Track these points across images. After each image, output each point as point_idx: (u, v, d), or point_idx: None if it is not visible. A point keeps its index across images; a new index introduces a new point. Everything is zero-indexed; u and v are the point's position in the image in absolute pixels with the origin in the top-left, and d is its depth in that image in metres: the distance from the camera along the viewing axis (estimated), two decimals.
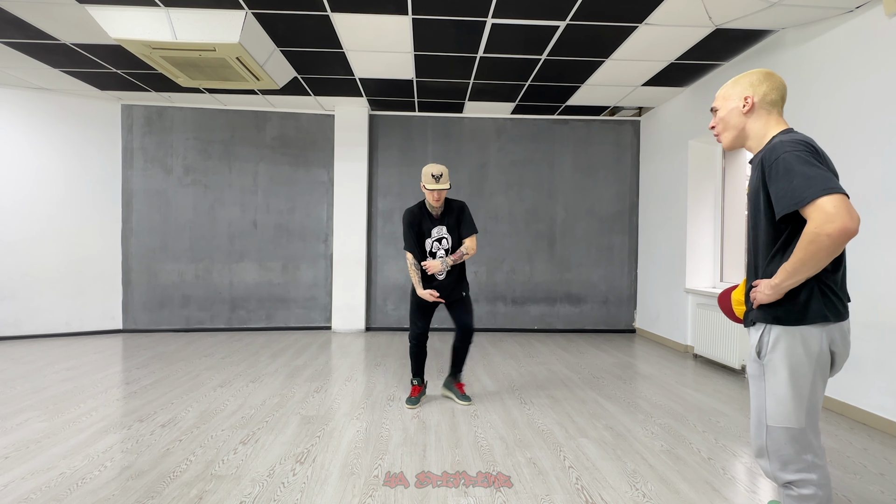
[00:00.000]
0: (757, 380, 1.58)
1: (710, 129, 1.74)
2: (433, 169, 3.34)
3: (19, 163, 5.77)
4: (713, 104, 1.73)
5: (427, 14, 3.92)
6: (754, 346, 1.58)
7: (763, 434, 1.56)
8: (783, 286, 1.48)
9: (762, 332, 1.56)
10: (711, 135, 5.23)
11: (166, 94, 6.03)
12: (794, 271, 1.44)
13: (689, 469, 2.61)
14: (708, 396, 3.91)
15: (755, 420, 1.59)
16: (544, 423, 3.26)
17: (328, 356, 5.18)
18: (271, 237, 6.66)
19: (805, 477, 1.51)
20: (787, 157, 1.44)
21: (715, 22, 3.92)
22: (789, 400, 1.51)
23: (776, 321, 1.52)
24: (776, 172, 1.47)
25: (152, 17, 3.90)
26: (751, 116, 1.62)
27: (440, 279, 3.53)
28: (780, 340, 1.52)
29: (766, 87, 1.61)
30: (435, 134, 6.80)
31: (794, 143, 1.46)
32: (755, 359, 1.59)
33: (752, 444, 1.62)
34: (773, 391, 1.53)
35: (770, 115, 1.62)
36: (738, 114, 1.64)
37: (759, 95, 1.61)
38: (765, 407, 1.55)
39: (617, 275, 6.89)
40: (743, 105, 1.62)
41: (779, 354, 1.52)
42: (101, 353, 5.20)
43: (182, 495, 2.26)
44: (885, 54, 3.23)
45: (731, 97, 1.66)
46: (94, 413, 3.35)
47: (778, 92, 1.62)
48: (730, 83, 1.68)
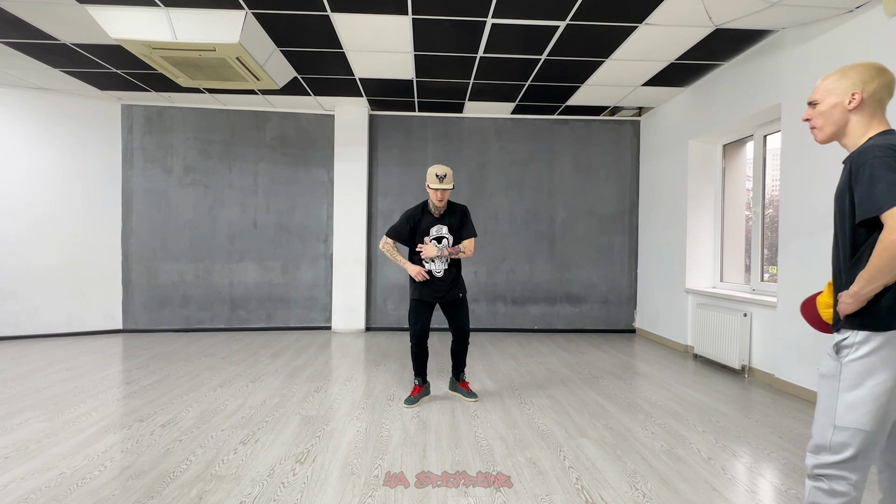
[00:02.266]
0: (830, 379, 1.55)
1: (805, 120, 1.66)
2: (438, 169, 3.41)
3: (19, 162, 5.77)
4: (812, 96, 1.62)
5: (427, 14, 3.92)
6: (834, 344, 1.55)
7: (830, 433, 1.53)
8: (862, 294, 1.45)
9: (847, 336, 1.53)
10: (711, 135, 5.24)
11: (166, 94, 6.03)
12: (870, 279, 1.43)
13: (689, 469, 2.61)
14: (708, 396, 3.91)
15: (823, 419, 1.56)
16: (544, 423, 3.26)
17: (328, 356, 5.18)
18: (271, 237, 6.66)
19: (845, 475, 1.50)
20: (875, 163, 1.41)
21: (715, 22, 3.91)
22: (865, 402, 1.48)
23: (862, 327, 1.50)
24: (861, 176, 1.43)
25: (152, 17, 3.90)
26: (855, 113, 1.55)
27: (438, 276, 3.56)
28: (864, 344, 1.49)
29: (878, 84, 1.52)
30: (435, 134, 6.80)
31: (884, 149, 1.42)
32: (833, 356, 1.55)
33: (813, 443, 1.58)
34: (849, 392, 1.50)
35: (874, 115, 1.55)
36: (843, 110, 1.55)
37: (868, 92, 1.52)
38: (835, 407, 1.52)
39: (617, 275, 6.89)
40: (849, 101, 1.54)
41: (862, 356, 1.49)
42: (101, 353, 5.20)
43: (182, 495, 2.26)
44: (885, 54, 3.23)
45: (836, 91, 1.56)
46: (94, 413, 3.35)
47: (888, 90, 1.54)
48: (836, 76, 1.58)
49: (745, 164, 5.38)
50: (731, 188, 5.46)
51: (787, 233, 4.08)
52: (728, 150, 5.47)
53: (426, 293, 3.57)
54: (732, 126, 4.89)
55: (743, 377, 4.52)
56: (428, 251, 3.46)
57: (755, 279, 4.81)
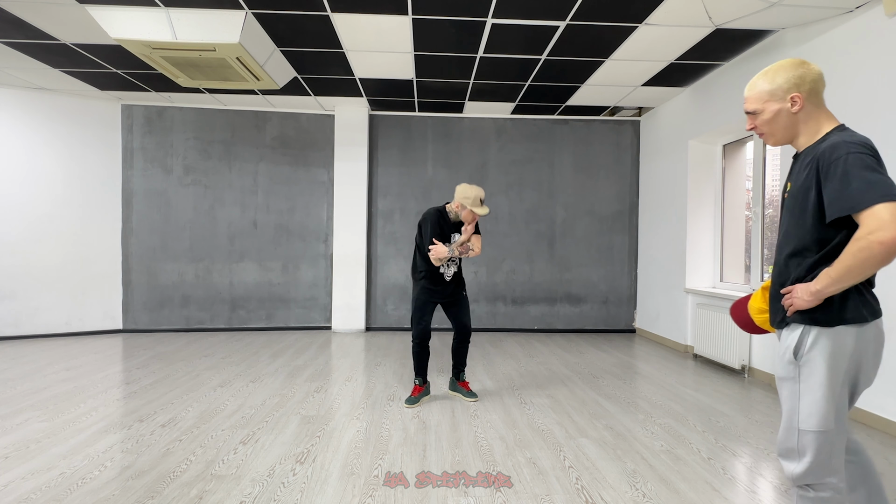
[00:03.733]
0: (790, 382, 1.53)
1: (750, 129, 1.64)
2: (481, 193, 3.46)
3: (19, 163, 5.77)
4: (749, 106, 1.60)
5: (427, 14, 3.92)
6: (790, 347, 1.52)
7: (794, 437, 1.51)
8: (825, 292, 1.42)
9: (801, 333, 1.50)
10: (711, 135, 5.24)
11: (166, 94, 6.03)
12: (838, 278, 1.39)
13: (689, 469, 2.61)
14: (708, 396, 3.91)
15: (786, 423, 1.54)
16: (544, 423, 3.26)
17: (328, 356, 5.18)
18: (271, 237, 6.66)
19: (827, 480, 1.49)
20: (849, 160, 1.38)
21: (715, 22, 3.91)
22: (824, 402, 1.46)
23: (814, 322, 1.47)
24: (833, 173, 1.40)
25: (152, 17, 3.90)
26: (801, 114, 1.54)
27: (448, 279, 3.63)
28: (818, 341, 1.47)
29: (810, 81, 1.53)
30: (435, 134, 6.80)
31: (857, 145, 1.40)
32: (790, 360, 1.52)
33: (780, 446, 1.57)
34: (809, 393, 1.48)
35: (819, 109, 1.54)
36: (787, 113, 1.54)
37: (805, 91, 1.52)
38: (798, 409, 1.50)
39: (617, 275, 6.89)
40: (791, 105, 1.53)
41: (817, 355, 1.47)
42: (101, 353, 5.20)
43: (182, 495, 2.26)
44: (885, 54, 3.23)
45: (774, 97, 1.55)
46: (94, 413, 3.35)
47: (821, 81, 1.54)
48: (763, 80, 1.56)
49: (745, 164, 5.38)
50: (731, 188, 5.46)
51: None
52: (728, 150, 5.47)
53: (435, 295, 3.62)
54: (732, 126, 4.89)
55: (743, 377, 4.52)
56: (439, 252, 3.45)
57: (755, 279, 4.81)
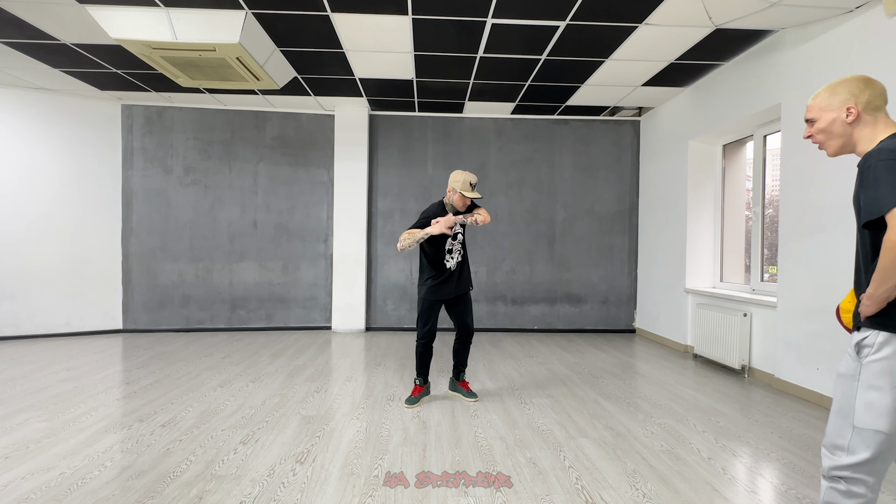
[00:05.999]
0: (849, 379, 1.55)
1: (806, 137, 1.73)
2: (471, 178, 3.46)
3: (19, 162, 5.77)
4: (808, 115, 1.70)
5: (427, 14, 3.92)
6: (855, 343, 1.56)
7: (848, 434, 1.53)
8: (877, 295, 1.47)
9: (868, 335, 1.54)
10: (711, 135, 5.24)
11: (166, 94, 6.03)
12: (881, 280, 1.44)
13: (689, 469, 2.61)
14: (708, 396, 3.91)
15: (839, 419, 1.56)
16: (544, 423, 3.26)
17: (328, 356, 5.18)
18: (271, 237, 6.66)
19: (862, 477, 1.51)
20: (878, 165, 1.44)
21: (715, 22, 3.92)
22: (884, 403, 1.49)
23: (881, 326, 1.51)
24: (867, 179, 1.47)
25: (152, 17, 3.90)
26: (856, 125, 1.61)
27: (452, 269, 3.58)
28: (886, 345, 1.50)
29: (868, 95, 1.59)
30: (435, 134, 6.80)
31: (889, 151, 1.45)
32: (853, 356, 1.56)
33: (829, 441, 1.59)
34: (868, 392, 1.51)
35: (877, 121, 1.60)
36: (842, 124, 1.62)
37: (862, 104, 1.59)
38: (854, 407, 1.53)
39: (617, 275, 6.89)
40: (846, 115, 1.60)
41: (882, 358, 1.50)
42: (101, 353, 5.20)
43: (182, 495, 2.26)
44: (885, 54, 3.23)
45: (831, 108, 1.63)
46: (94, 413, 3.35)
47: (882, 97, 1.61)
48: (825, 93, 1.65)
49: (745, 164, 5.38)
50: (731, 188, 5.46)
51: (786, 233, 4.08)
52: (728, 150, 5.47)
53: (444, 292, 3.58)
54: (732, 126, 4.89)
55: (743, 377, 4.52)
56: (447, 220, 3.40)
57: (755, 279, 4.81)
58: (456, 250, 3.60)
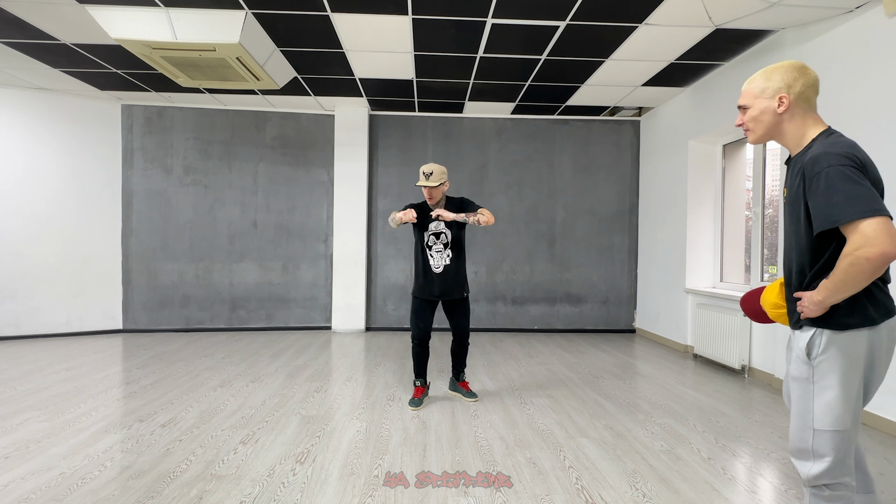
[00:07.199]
0: (804, 382, 1.55)
1: (738, 125, 1.68)
2: (425, 167, 3.45)
3: (19, 162, 5.77)
4: (741, 101, 1.64)
5: (427, 14, 3.92)
6: (803, 347, 1.55)
7: (809, 437, 1.53)
8: (827, 303, 1.46)
9: (813, 334, 1.53)
10: (711, 135, 5.24)
11: (166, 94, 6.03)
12: (835, 290, 1.43)
13: (689, 469, 2.61)
14: (708, 396, 3.91)
15: (799, 423, 1.56)
16: (544, 423, 3.26)
17: (328, 356, 5.18)
18: (271, 237, 6.66)
19: (843, 480, 1.51)
20: (830, 172, 1.40)
21: (715, 22, 3.92)
22: (839, 402, 1.49)
23: (825, 325, 1.51)
24: (817, 186, 1.43)
25: (152, 17, 3.90)
26: (786, 115, 1.56)
27: (437, 271, 3.52)
28: (831, 343, 1.50)
29: (802, 85, 1.54)
30: (435, 134, 6.80)
31: (838, 157, 1.42)
32: (804, 360, 1.55)
33: (793, 446, 1.58)
34: (823, 393, 1.51)
35: (807, 114, 1.56)
36: (773, 113, 1.57)
37: (794, 94, 1.54)
38: (812, 409, 1.52)
39: (617, 275, 6.89)
40: (778, 105, 1.56)
41: (830, 356, 1.50)
42: (101, 353, 5.20)
43: (182, 495, 2.26)
44: (885, 54, 3.23)
45: (764, 94, 1.58)
46: (94, 413, 3.35)
47: (813, 88, 1.55)
48: (760, 78, 1.60)
49: (745, 164, 5.38)
50: (731, 188, 5.46)
51: None
52: (728, 150, 5.47)
53: (426, 291, 3.55)
54: (732, 126, 4.89)
55: (743, 377, 4.52)
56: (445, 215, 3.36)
57: (755, 279, 4.81)
58: (437, 249, 3.53)
